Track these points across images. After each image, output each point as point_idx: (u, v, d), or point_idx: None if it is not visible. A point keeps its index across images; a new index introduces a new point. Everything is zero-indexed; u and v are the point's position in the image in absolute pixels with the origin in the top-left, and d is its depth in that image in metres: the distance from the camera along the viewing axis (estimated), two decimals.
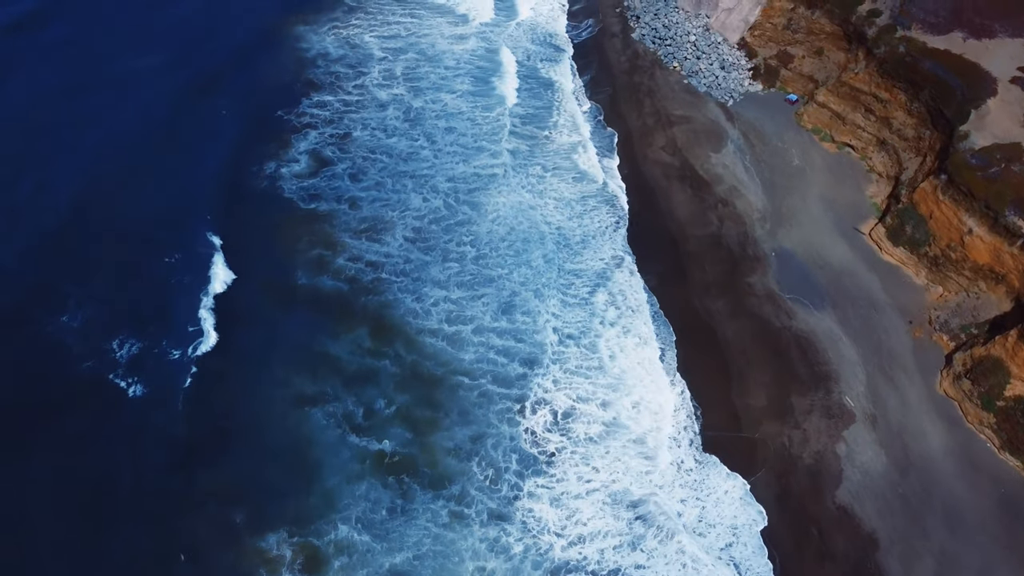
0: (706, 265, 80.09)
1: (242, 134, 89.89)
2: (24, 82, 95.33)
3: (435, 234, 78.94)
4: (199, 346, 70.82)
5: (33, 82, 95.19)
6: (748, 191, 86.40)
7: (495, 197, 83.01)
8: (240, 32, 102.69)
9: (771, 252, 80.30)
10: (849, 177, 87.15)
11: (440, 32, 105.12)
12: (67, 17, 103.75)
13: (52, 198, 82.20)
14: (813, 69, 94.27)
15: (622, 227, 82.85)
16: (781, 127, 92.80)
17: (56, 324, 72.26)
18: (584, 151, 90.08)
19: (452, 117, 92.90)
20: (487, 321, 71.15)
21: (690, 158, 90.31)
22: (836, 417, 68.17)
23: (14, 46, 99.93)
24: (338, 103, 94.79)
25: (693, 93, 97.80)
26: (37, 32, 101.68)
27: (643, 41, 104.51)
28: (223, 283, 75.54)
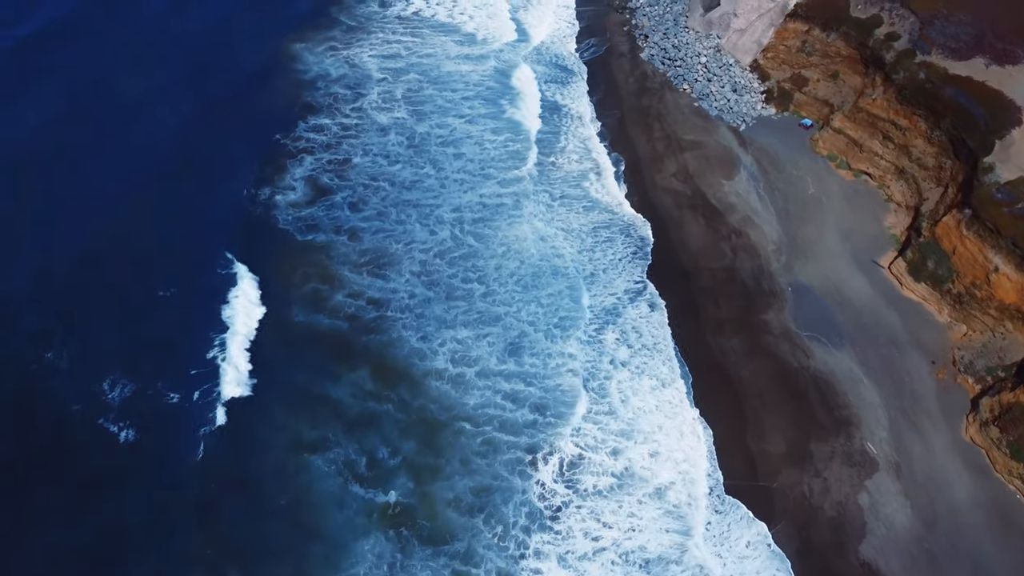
0: (720, 300, 77.31)
1: (236, 160, 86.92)
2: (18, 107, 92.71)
3: (440, 269, 75.99)
4: (192, 389, 68.01)
5: (28, 106, 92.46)
6: (762, 221, 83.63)
7: (503, 229, 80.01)
8: (236, 53, 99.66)
9: (787, 287, 77.55)
10: (866, 206, 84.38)
11: (445, 52, 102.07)
12: (62, 40, 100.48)
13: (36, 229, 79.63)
14: (828, 93, 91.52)
15: (635, 259, 79.95)
16: (795, 153, 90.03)
17: (42, 362, 69.56)
18: (594, 178, 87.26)
19: (459, 143, 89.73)
20: (493, 364, 68.28)
21: (702, 186, 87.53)
22: (858, 465, 65.45)
23: (14, 69, 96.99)
24: (336, 127, 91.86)
25: (704, 117, 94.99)
26: (38, 56, 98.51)
27: (652, 62, 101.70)
28: (217, 320, 72.74)
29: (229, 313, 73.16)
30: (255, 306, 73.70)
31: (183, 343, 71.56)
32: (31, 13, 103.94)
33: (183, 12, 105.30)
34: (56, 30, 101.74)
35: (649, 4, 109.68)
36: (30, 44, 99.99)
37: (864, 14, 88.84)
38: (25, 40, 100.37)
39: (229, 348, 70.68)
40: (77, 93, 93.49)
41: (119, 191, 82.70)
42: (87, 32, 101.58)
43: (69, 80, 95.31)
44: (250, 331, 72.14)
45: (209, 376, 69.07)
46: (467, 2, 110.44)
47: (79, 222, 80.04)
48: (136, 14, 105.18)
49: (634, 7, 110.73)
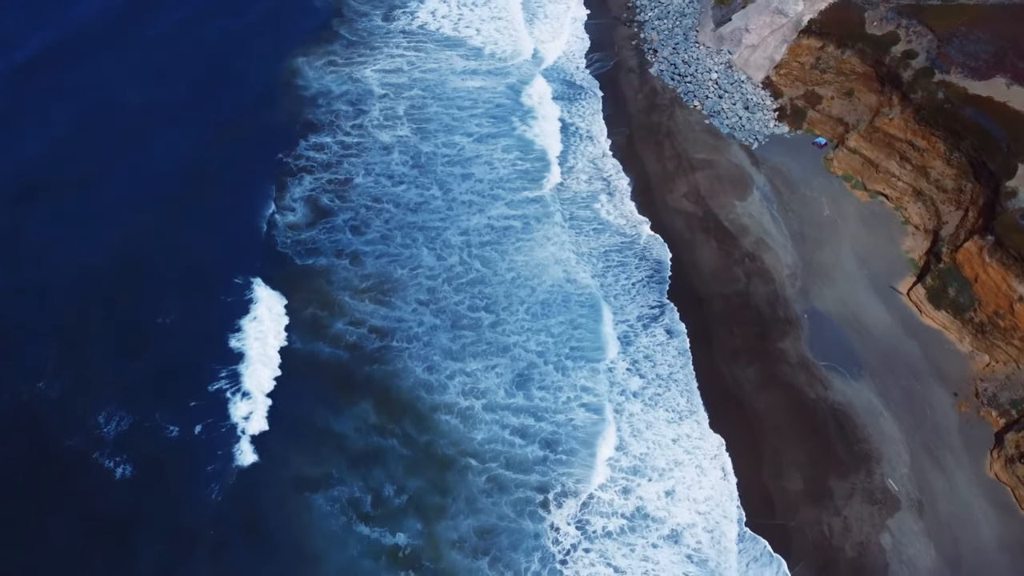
0: (734, 328, 75.15)
1: (236, 181, 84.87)
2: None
3: (448, 296, 73.75)
4: (191, 422, 65.97)
5: (30, 126, 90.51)
6: (776, 244, 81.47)
7: (512, 253, 77.74)
8: (238, 69, 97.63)
9: (803, 314, 75.38)
10: (883, 229, 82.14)
11: (451, 67, 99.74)
12: (64, 58, 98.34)
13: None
14: (843, 111, 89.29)
15: (651, 283, 77.64)
16: (809, 173, 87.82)
17: (32, 392, 67.51)
18: (605, 199, 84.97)
19: (467, 162, 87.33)
20: (502, 397, 66.11)
21: (714, 207, 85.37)
22: (879, 503, 63.31)
23: (20, 90, 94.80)
24: (337, 145, 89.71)
25: (715, 135, 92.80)
26: (39, 75, 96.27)
27: (661, 77, 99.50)
28: (216, 349, 70.66)
29: (228, 342, 71.20)
30: (253, 334, 71.56)
31: (181, 373, 69.62)
32: (35, 33, 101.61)
33: (186, 27, 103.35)
34: (58, 48, 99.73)
35: (658, 17, 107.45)
36: (35, 64, 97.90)
37: (880, 31, 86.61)
38: (30, 60, 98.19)
39: (228, 379, 68.64)
40: (79, 113, 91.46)
41: (115, 216, 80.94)
42: (91, 52, 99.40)
43: (70, 99, 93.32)
44: (249, 361, 70.15)
45: (207, 408, 67.10)
46: (473, 15, 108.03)
47: (73, 246, 78.23)
48: (137, 31, 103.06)
49: (642, 20, 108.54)
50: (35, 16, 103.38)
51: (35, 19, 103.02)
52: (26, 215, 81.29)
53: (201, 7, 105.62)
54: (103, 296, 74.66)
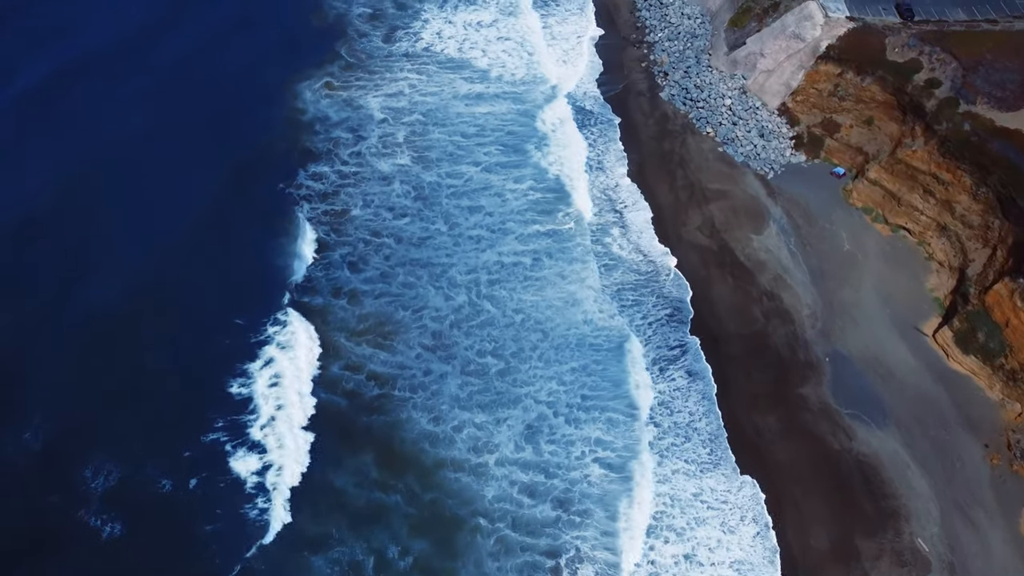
0: (752, 372, 71.93)
1: (231, 213, 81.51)
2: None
3: (456, 340, 70.15)
4: (183, 474, 62.65)
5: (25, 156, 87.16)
6: (795, 281, 78.24)
7: (521, 292, 74.18)
8: (237, 94, 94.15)
9: (824, 357, 72.16)
10: (906, 266, 78.95)
11: (456, 91, 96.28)
12: (58, 86, 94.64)
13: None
14: (862, 140, 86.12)
15: (671, 323, 74.25)
16: (828, 205, 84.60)
17: (17, 443, 64.17)
18: (617, 232, 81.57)
19: (474, 194, 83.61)
20: (511, 451, 62.67)
21: (729, 241, 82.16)
22: (909, 564, 60.15)
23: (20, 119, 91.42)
24: (335, 175, 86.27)
25: (729, 163, 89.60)
26: (40, 106, 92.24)
27: (672, 102, 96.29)
28: (206, 395, 67.32)
29: (225, 388, 67.81)
30: (243, 378, 68.09)
31: (174, 421, 66.22)
32: (34, 63, 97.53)
33: (184, 52, 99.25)
34: (56, 77, 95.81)
35: (668, 39, 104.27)
36: (35, 94, 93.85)
37: (902, 58, 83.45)
38: (28, 90, 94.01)
39: (224, 429, 65.34)
40: (71, 140, 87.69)
41: (108, 255, 77.47)
42: (89, 80, 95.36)
43: (63, 126, 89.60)
44: (239, 406, 66.67)
45: (202, 460, 63.78)
46: (479, 36, 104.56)
47: (63, 283, 74.93)
48: (137, 58, 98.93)
49: (652, 41, 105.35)
50: (34, 47, 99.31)
51: (33, 50, 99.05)
52: (21, 251, 77.88)
53: (199, 31, 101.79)
54: (95, 337, 71.38)
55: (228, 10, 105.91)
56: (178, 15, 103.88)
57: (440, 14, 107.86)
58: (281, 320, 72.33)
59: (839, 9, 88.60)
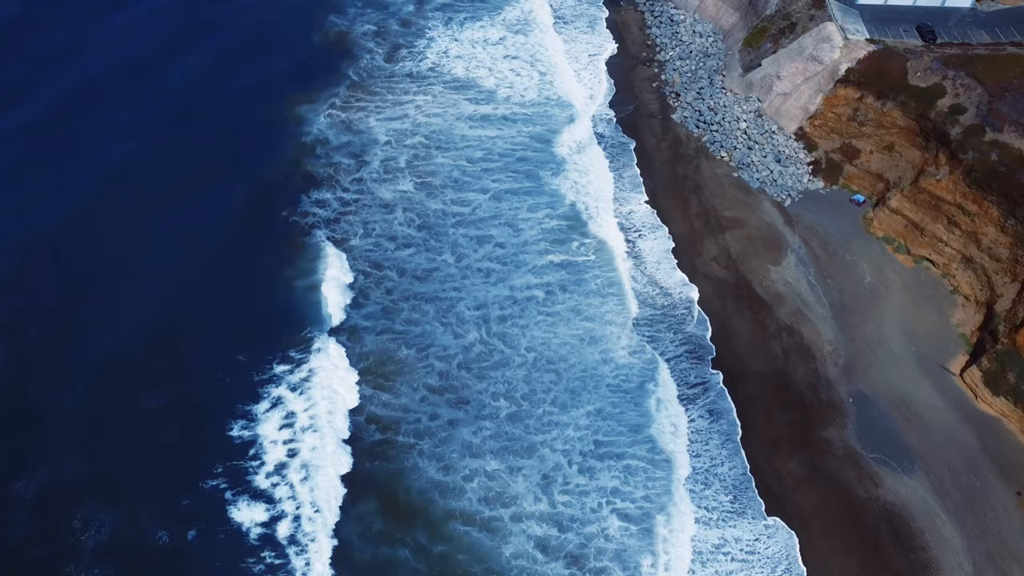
0: (773, 413, 69.14)
1: (235, 242, 78.90)
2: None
3: (464, 381, 67.25)
4: (180, 525, 59.84)
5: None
6: (815, 316, 75.46)
7: (533, 328, 71.20)
8: (239, 116, 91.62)
9: (848, 397, 69.37)
10: (930, 299, 76.21)
11: (460, 112, 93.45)
12: (53, 99, 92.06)
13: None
14: (883, 167, 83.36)
15: (691, 360, 71.48)
16: (848, 234, 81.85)
17: (5, 492, 61.42)
18: (632, 263, 78.58)
19: (483, 223, 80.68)
20: (529, 504, 59.63)
21: (746, 272, 79.40)
22: None
23: None
24: (337, 202, 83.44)
25: (745, 189, 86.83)
26: (44, 133, 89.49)
27: (685, 124, 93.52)
28: (208, 439, 64.57)
29: (225, 431, 64.95)
30: (237, 419, 65.25)
31: (172, 467, 63.36)
32: (41, 83, 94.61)
33: (189, 75, 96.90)
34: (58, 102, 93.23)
35: (679, 58, 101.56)
36: (40, 121, 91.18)
37: (924, 82, 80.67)
38: (32, 119, 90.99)
39: (224, 476, 62.50)
40: (75, 167, 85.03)
41: (109, 291, 74.75)
42: (92, 103, 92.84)
43: (64, 153, 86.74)
44: (240, 451, 63.88)
45: (201, 510, 60.88)
46: (486, 55, 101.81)
47: (50, 322, 72.13)
48: (142, 81, 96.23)
49: (663, 60, 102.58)
50: (38, 72, 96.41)
51: (38, 75, 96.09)
52: (20, 285, 75.11)
53: (202, 53, 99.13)
54: (89, 376, 68.65)
55: (231, 31, 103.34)
56: (181, 36, 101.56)
57: (446, 32, 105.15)
58: (282, 359, 69.45)
59: (858, 31, 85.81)
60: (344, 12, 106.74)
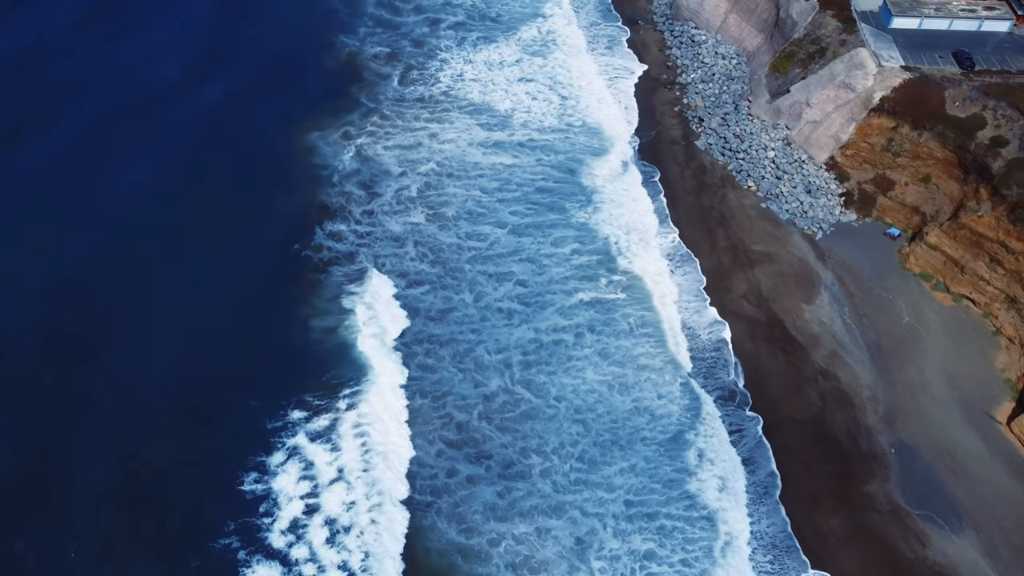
0: (812, 464, 65.81)
1: (239, 279, 75.55)
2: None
3: (485, 433, 63.73)
4: None
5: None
6: (852, 358, 72.11)
7: (561, 375, 67.58)
8: (248, 143, 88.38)
9: (890, 448, 66.05)
10: (972, 341, 72.87)
11: (472, 139, 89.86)
12: (65, 127, 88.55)
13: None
14: (918, 199, 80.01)
15: (717, 407, 67.94)
16: (883, 270, 78.49)
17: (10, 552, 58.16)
18: (659, 302, 75.08)
19: (501, 259, 77.17)
20: (561, 572, 55.99)
21: (778, 311, 76.04)
22: None
23: None
24: (352, 234, 79.98)
25: (774, 221, 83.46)
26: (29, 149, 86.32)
27: (710, 152, 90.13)
28: (221, 492, 61.30)
29: (238, 484, 61.54)
30: (249, 471, 61.91)
31: (183, 523, 60.04)
32: (47, 118, 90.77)
33: (198, 97, 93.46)
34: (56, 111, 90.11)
35: (702, 80, 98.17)
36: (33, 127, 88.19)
37: (963, 112, 77.34)
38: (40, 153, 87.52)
39: (236, 533, 59.14)
40: (75, 195, 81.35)
41: (106, 325, 71.36)
42: (88, 120, 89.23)
43: (72, 177, 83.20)
44: (244, 503, 60.43)
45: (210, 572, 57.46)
46: (502, 77, 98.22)
47: (50, 367, 68.77)
48: (152, 103, 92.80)
49: (684, 83, 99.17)
50: (49, 104, 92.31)
51: (49, 107, 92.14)
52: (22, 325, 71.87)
53: (212, 78, 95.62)
54: (97, 424, 65.46)
55: (240, 55, 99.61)
56: (189, 64, 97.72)
57: (460, 53, 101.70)
58: (298, 404, 66.10)
59: (892, 57, 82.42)
60: (355, 32, 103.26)
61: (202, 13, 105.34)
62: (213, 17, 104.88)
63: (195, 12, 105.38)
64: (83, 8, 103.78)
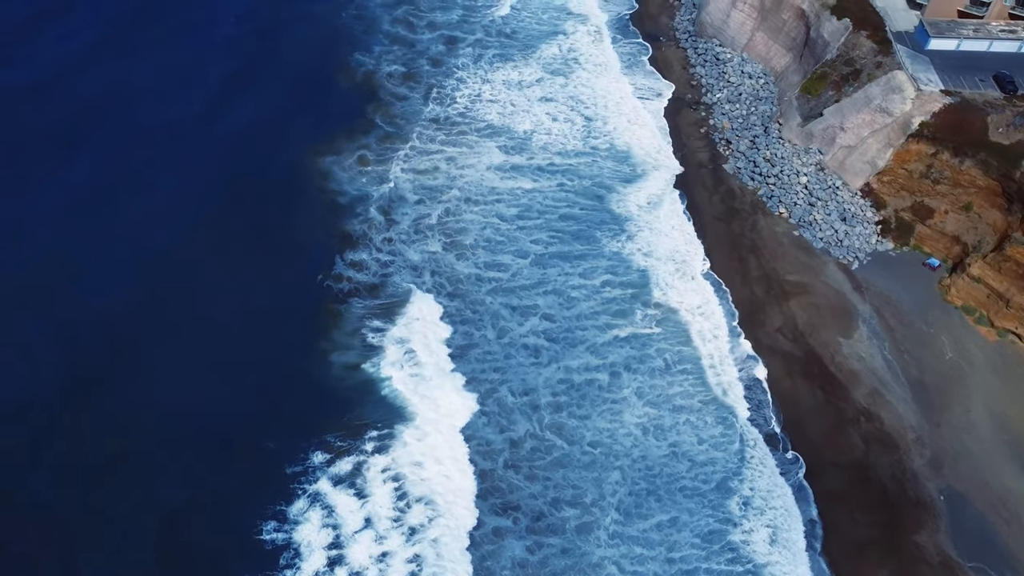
0: (856, 512, 62.88)
1: (248, 309, 72.55)
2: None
3: (512, 482, 60.55)
4: None
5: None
6: (894, 397, 69.19)
7: (596, 419, 64.25)
8: (263, 167, 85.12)
9: (939, 495, 63.10)
10: (1020, 379, 70.03)
11: (489, 162, 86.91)
12: (78, 156, 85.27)
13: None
14: (959, 228, 77.13)
15: (755, 449, 64.99)
16: (923, 302, 75.60)
17: None
18: (697, 335, 72.19)
19: (524, 291, 74.10)
20: None
21: (815, 346, 73.11)
22: None
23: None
24: (374, 262, 77.06)
25: (807, 250, 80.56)
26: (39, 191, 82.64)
27: (739, 176, 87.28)
28: (225, 537, 58.31)
29: (239, 532, 58.47)
30: (268, 519, 58.97)
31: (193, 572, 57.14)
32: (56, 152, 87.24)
33: (211, 119, 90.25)
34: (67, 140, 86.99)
35: (728, 100, 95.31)
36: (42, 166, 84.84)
37: (1007, 139, 74.49)
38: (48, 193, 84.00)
39: None
40: (84, 231, 78.09)
41: (117, 363, 68.35)
42: (102, 152, 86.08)
43: (85, 213, 79.87)
44: (263, 555, 57.51)
45: None
46: (522, 98, 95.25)
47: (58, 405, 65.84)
48: (163, 120, 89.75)
49: (710, 103, 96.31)
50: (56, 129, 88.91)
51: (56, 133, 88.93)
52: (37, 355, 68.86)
53: (226, 98, 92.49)
54: (105, 467, 62.43)
55: (253, 73, 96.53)
56: (203, 84, 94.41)
57: (478, 72, 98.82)
58: (319, 445, 63.14)
59: (931, 80, 79.56)
60: (370, 50, 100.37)
61: (215, 34, 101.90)
62: (226, 38, 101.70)
63: (207, 33, 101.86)
64: (91, 34, 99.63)
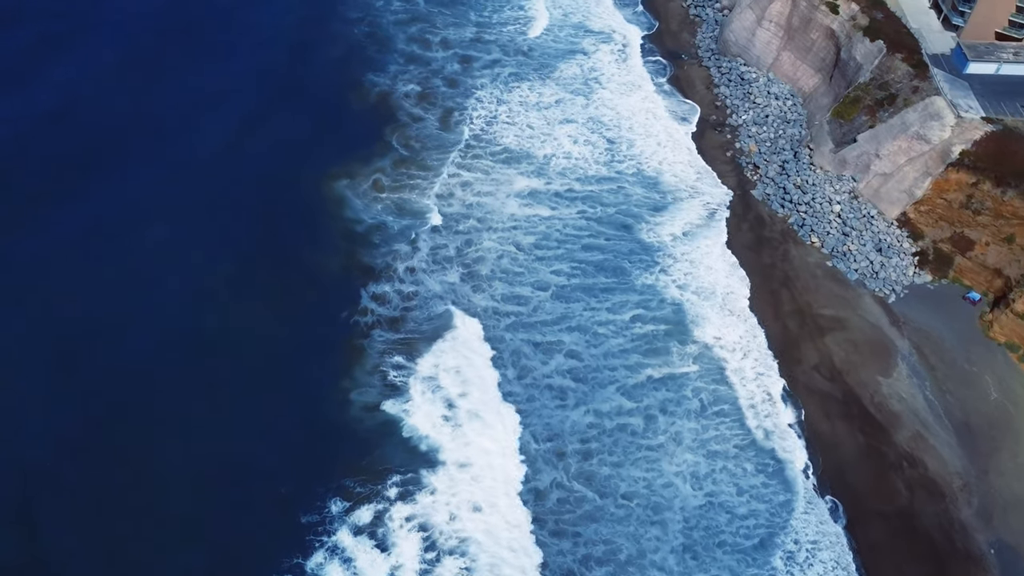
0: (903, 565, 60.01)
1: (265, 344, 69.71)
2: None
3: (540, 539, 57.15)
4: None
5: None
6: (938, 441, 66.20)
7: (630, 467, 61.06)
8: (277, 193, 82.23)
9: (989, 548, 60.18)
10: None
11: (509, 189, 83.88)
12: (88, 185, 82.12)
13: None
14: (1001, 260, 74.17)
15: (793, 498, 62.01)
16: (964, 339, 72.65)
17: None
18: (733, 373, 69.24)
19: (547, 327, 71.15)
20: None
21: (854, 386, 70.15)
22: None
23: None
24: (397, 295, 74.11)
25: (842, 282, 77.62)
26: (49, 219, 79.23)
27: (768, 203, 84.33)
28: None
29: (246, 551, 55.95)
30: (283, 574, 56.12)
31: None
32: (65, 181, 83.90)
33: (223, 140, 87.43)
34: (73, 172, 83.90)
35: (755, 123, 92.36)
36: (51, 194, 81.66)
37: None
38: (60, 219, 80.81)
39: None
40: (96, 265, 74.91)
41: (129, 402, 65.40)
42: (112, 182, 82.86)
43: (93, 242, 76.74)
44: None
45: None
46: (540, 120, 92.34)
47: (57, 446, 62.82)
48: (176, 153, 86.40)
49: (735, 125, 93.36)
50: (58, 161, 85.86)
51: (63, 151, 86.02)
52: None
53: (237, 118, 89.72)
54: (110, 519, 59.40)
55: (267, 94, 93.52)
56: (213, 104, 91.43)
57: (496, 93, 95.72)
58: (337, 491, 60.13)
59: (971, 107, 76.67)
60: (385, 70, 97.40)
61: (231, 58, 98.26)
62: (239, 57, 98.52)
63: (223, 57, 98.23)
64: (102, 64, 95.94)
